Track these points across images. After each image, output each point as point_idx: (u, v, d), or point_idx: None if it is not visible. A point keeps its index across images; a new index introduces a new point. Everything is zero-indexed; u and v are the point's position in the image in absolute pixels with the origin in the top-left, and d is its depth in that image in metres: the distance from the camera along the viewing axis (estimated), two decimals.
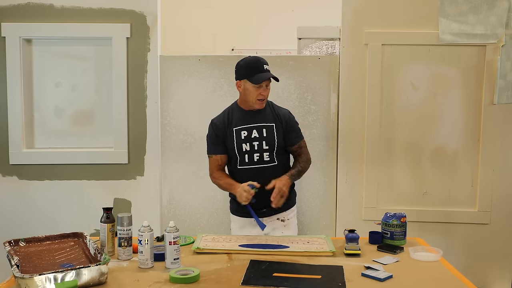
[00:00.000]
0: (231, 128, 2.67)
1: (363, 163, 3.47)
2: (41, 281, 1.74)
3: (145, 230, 2.09)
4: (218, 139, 2.70)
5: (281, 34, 4.78)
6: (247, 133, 2.65)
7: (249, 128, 2.65)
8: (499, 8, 3.31)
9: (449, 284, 1.96)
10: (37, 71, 3.58)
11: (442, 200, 3.47)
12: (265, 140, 2.64)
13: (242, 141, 2.64)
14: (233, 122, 2.68)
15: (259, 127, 2.65)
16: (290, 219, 2.77)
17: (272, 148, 2.64)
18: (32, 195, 3.57)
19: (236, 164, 2.69)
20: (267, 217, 2.70)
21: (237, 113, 2.70)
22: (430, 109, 3.44)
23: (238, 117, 2.68)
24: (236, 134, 2.66)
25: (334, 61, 3.52)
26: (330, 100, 3.52)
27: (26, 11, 3.47)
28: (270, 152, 2.65)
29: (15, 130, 3.52)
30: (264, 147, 2.64)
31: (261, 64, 2.59)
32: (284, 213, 2.75)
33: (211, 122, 2.75)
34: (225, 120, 2.69)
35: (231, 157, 2.71)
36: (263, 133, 2.64)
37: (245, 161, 2.65)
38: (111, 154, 3.56)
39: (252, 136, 2.64)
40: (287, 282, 1.92)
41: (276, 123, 2.67)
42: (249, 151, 2.64)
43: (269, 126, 2.66)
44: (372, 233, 2.47)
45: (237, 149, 2.65)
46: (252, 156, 2.64)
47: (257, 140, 2.64)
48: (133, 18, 3.50)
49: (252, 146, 2.64)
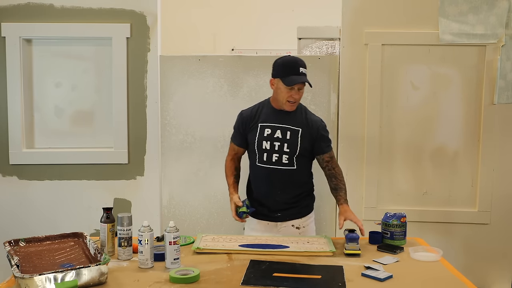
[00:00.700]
0: (257, 123, 2.63)
1: (363, 163, 3.47)
2: (41, 281, 1.74)
3: (145, 230, 2.09)
4: (241, 131, 2.68)
5: (281, 34, 4.78)
6: (271, 131, 2.59)
7: (274, 127, 2.60)
8: (499, 8, 3.31)
9: (449, 284, 1.97)
10: (37, 71, 3.58)
11: (442, 200, 3.47)
12: (287, 143, 2.57)
13: (264, 138, 2.59)
14: (260, 118, 2.64)
15: (284, 129, 2.59)
16: (306, 227, 2.68)
17: (293, 152, 2.57)
18: (32, 195, 3.57)
19: (255, 161, 2.64)
20: (281, 222, 2.65)
21: (267, 109, 2.65)
22: (430, 109, 3.44)
23: (267, 114, 2.64)
24: (259, 130, 2.61)
25: (334, 61, 3.52)
26: (330, 100, 3.52)
27: (26, 11, 3.47)
28: (290, 155, 2.58)
29: (15, 130, 3.52)
30: (285, 149, 2.57)
31: (298, 66, 2.52)
32: (300, 220, 2.66)
33: (240, 112, 2.73)
34: (253, 114, 2.66)
35: (251, 152, 2.67)
36: (286, 135, 2.58)
37: (263, 159, 2.60)
38: (111, 154, 3.56)
39: (274, 136, 2.59)
40: (287, 282, 1.92)
41: (303, 128, 2.60)
42: (269, 150, 2.59)
43: (294, 130, 2.59)
44: (372, 233, 2.47)
45: (257, 145, 2.60)
46: (271, 156, 2.59)
47: (279, 140, 2.58)
48: (133, 18, 3.50)
49: (273, 145, 2.58)
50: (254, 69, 3.53)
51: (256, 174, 2.66)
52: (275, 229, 2.65)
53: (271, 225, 2.65)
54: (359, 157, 3.47)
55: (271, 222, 2.65)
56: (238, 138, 2.71)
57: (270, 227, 2.65)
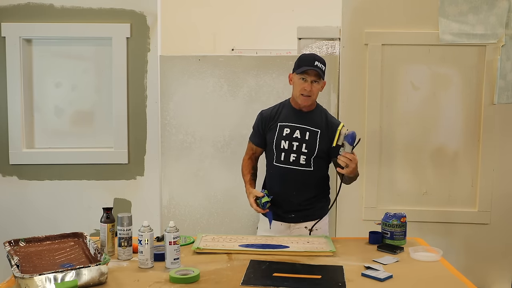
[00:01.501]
0: (277, 122, 2.63)
1: (363, 163, 3.46)
2: (41, 281, 1.74)
3: (145, 230, 2.09)
4: (260, 131, 2.67)
5: (281, 34, 4.78)
6: (290, 131, 2.59)
7: (293, 127, 2.59)
8: (499, 8, 3.31)
9: (449, 284, 1.96)
10: (37, 71, 3.58)
11: (442, 200, 3.47)
12: (305, 143, 2.56)
13: (282, 138, 2.58)
14: (280, 117, 2.63)
15: (303, 129, 2.58)
16: (319, 230, 2.63)
17: (311, 153, 2.57)
18: (32, 195, 3.57)
19: (272, 160, 2.63)
20: (294, 223, 2.63)
21: (287, 109, 2.65)
22: (430, 109, 3.44)
23: (287, 113, 2.64)
24: (279, 129, 2.60)
25: (334, 61, 3.52)
26: (330, 100, 3.52)
27: (26, 11, 3.47)
28: (307, 156, 2.57)
29: (15, 130, 3.52)
30: (303, 149, 2.56)
31: (313, 59, 2.51)
32: (312, 222, 2.61)
33: (260, 112, 2.72)
34: (273, 114, 2.66)
35: (269, 151, 2.66)
36: (305, 136, 2.57)
37: (280, 158, 2.59)
38: (111, 154, 3.56)
39: (293, 136, 2.58)
40: (287, 282, 1.92)
41: (322, 130, 2.59)
42: (287, 150, 2.58)
43: (313, 131, 2.58)
44: (372, 233, 2.47)
45: (276, 144, 2.59)
46: (289, 156, 2.57)
47: (297, 141, 2.57)
48: (133, 18, 3.50)
49: (291, 145, 2.57)
50: (254, 69, 3.53)
51: (272, 174, 2.64)
52: (288, 231, 2.63)
53: (284, 226, 2.63)
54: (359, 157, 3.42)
55: (284, 223, 2.63)
56: (257, 137, 2.70)
57: (283, 228, 2.63)
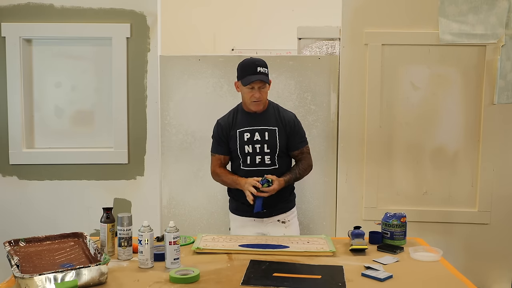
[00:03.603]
0: (235, 129, 2.69)
1: (363, 163, 3.47)
2: (41, 281, 1.74)
3: (145, 230, 2.09)
4: (222, 140, 2.73)
5: (281, 34, 4.78)
6: (250, 135, 2.67)
7: (252, 131, 2.67)
8: (499, 8, 3.31)
9: (449, 284, 1.97)
10: (37, 71, 3.58)
11: (442, 200, 3.47)
12: (266, 143, 2.66)
13: (245, 143, 2.67)
14: (237, 124, 2.70)
15: (261, 130, 2.67)
16: (291, 221, 2.81)
17: (273, 151, 2.66)
18: (32, 195, 3.57)
19: (239, 165, 2.71)
20: (267, 218, 2.74)
21: (241, 115, 2.72)
22: (430, 109, 3.44)
23: (242, 119, 2.71)
24: (239, 136, 2.68)
25: (334, 61, 3.52)
26: (330, 100, 3.52)
27: (26, 11, 3.47)
28: (271, 155, 2.67)
29: (15, 130, 3.52)
30: (265, 150, 2.66)
31: (254, 66, 2.57)
32: (284, 214, 2.78)
33: (217, 122, 2.78)
34: (230, 122, 2.72)
35: (235, 157, 2.74)
36: (265, 136, 2.66)
37: (247, 162, 2.68)
38: (111, 154, 3.56)
39: (254, 139, 2.66)
40: (287, 282, 1.92)
41: (279, 126, 2.68)
42: (251, 153, 2.67)
43: (271, 130, 2.67)
44: (372, 233, 2.47)
45: (240, 150, 2.68)
46: (254, 158, 2.67)
47: (259, 142, 2.66)
48: (133, 18, 3.50)
49: (254, 148, 2.66)
50: None
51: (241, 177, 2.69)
52: (262, 224, 2.74)
53: (258, 221, 2.74)
54: (359, 157, 3.47)
55: (257, 218, 2.73)
56: (221, 147, 2.75)
57: (257, 222, 2.74)
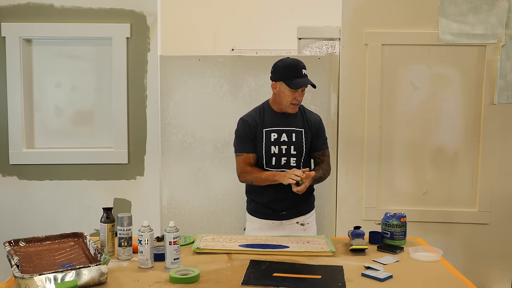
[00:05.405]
0: (262, 129, 2.62)
1: (363, 163, 3.47)
2: (41, 281, 1.74)
3: (145, 230, 2.09)
4: (249, 138, 2.63)
5: (281, 34, 4.78)
6: (277, 135, 2.60)
7: (279, 131, 2.61)
8: (499, 8, 3.31)
9: (449, 284, 1.97)
10: (37, 71, 3.58)
11: (442, 200, 3.47)
12: (293, 145, 2.60)
13: (271, 143, 2.60)
14: (264, 123, 2.62)
15: (289, 131, 2.61)
16: (310, 223, 2.74)
17: (299, 153, 2.61)
18: (32, 195, 3.57)
19: (263, 165, 2.63)
20: (286, 220, 2.68)
21: (269, 114, 2.65)
22: (430, 109, 3.44)
23: (270, 118, 2.63)
24: (265, 135, 2.61)
25: (334, 61, 3.52)
26: (330, 100, 3.52)
27: (26, 11, 3.47)
28: (297, 157, 2.61)
29: (15, 130, 3.52)
30: (292, 151, 2.60)
31: (300, 68, 2.52)
32: (304, 217, 2.71)
33: (243, 120, 2.67)
34: (257, 120, 2.64)
35: (259, 157, 2.65)
36: (292, 137, 2.61)
37: (271, 163, 2.61)
38: (111, 154, 3.56)
39: (281, 140, 2.60)
40: (287, 282, 1.92)
41: (305, 128, 2.63)
42: (277, 154, 2.60)
43: (298, 131, 2.62)
44: (372, 233, 2.47)
45: (265, 150, 2.61)
46: (280, 160, 2.60)
47: (285, 144, 2.60)
48: (133, 18, 3.50)
49: (280, 149, 2.60)
50: (254, 69, 3.53)
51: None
52: (280, 227, 2.67)
53: (276, 224, 2.67)
54: (359, 157, 3.47)
55: (275, 221, 2.67)
56: (249, 145, 2.63)
57: (275, 225, 2.67)
